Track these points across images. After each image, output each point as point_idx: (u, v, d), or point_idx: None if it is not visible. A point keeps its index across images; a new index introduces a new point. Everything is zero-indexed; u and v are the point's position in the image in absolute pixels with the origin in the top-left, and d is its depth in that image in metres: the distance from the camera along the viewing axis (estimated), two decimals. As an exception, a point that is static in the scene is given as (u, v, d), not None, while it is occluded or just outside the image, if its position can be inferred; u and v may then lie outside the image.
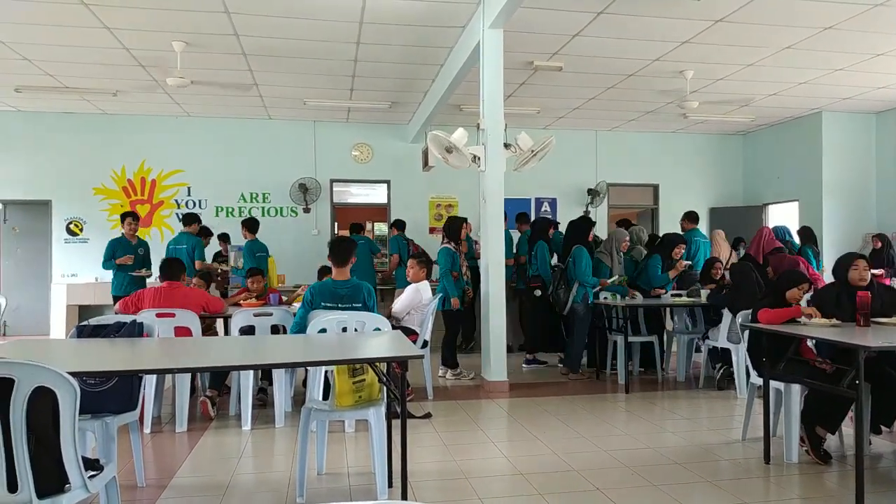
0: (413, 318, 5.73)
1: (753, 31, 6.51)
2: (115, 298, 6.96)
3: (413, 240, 8.95)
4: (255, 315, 5.03)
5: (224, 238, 9.05)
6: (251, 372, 4.69)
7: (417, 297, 5.76)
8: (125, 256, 7.28)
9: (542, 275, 6.92)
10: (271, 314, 5.05)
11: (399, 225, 9.07)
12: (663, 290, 6.69)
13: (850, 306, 3.90)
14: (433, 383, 5.92)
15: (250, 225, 8.03)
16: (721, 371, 5.96)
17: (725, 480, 3.63)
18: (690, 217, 7.82)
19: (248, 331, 4.97)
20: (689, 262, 6.96)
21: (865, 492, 3.16)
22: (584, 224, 6.73)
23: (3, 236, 10.03)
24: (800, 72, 7.87)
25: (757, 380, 4.25)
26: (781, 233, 7.37)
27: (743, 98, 9.03)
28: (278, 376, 4.88)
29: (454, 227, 6.70)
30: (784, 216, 10.64)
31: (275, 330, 5.02)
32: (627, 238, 6.87)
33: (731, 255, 7.90)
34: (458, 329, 6.94)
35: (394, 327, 5.25)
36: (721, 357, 5.96)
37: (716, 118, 10.07)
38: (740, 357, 5.48)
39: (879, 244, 9.00)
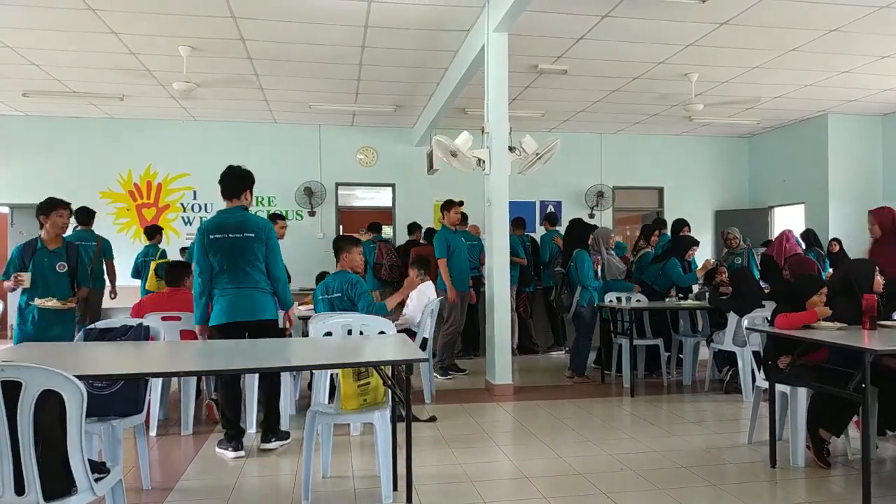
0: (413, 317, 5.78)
1: (759, 33, 6.51)
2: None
3: (387, 241, 8.82)
4: None
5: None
6: (255, 375, 4.68)
7: (424, 300, 5.79)
8: (14, 276, 4.76)
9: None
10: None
11: (373, 227, 8.74)
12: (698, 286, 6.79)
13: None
14: (434, 387, 5.93)
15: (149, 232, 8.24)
16: (729, 374, 5.94)
17: (731, 484, 3.62)
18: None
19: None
20: (717, 262, 6.96)
21: (872, 496, 3.14)
22: (583, 228, 6.72)
23: (11, 240, 10.07)
24: (805, 74, 7.85)
25: (763, 383, 4.24)
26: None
27: (748, 100, 9.02)
28: (283, 380, 4.87)
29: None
30: (790, 219, 10.61)
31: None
32: (614, 235, 6.93)
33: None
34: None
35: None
36: (728, 360, 5.95)
37: (721, 121, 10.05)
38: (745, 360, 5.46)
39: (837, 247, 8.78)
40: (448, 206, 7.02)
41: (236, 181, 4.39)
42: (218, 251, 4.21)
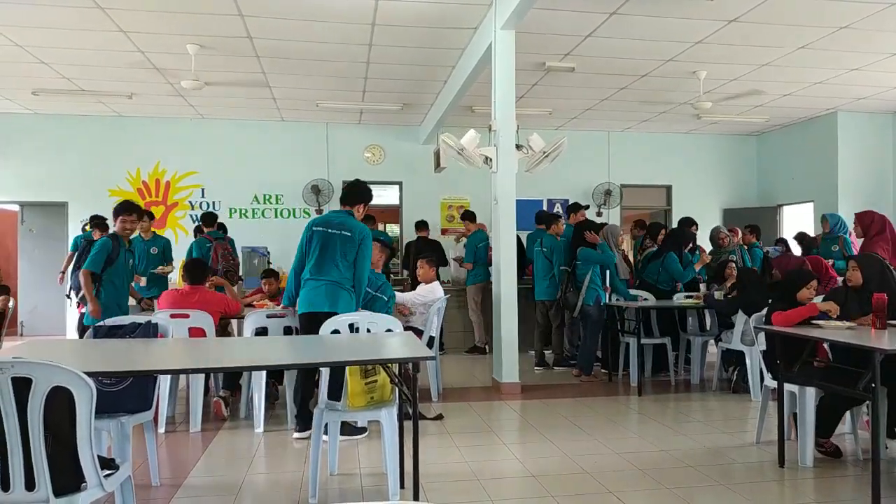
0: (419, 318, 5.79)
1: (767, 30, 6.47)
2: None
3: (228, 240, 8.09)
4: (268, 316, 5.02)
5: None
6: (263, 373, 4.69)
7: (431, 296, 5.80)
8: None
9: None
10: (284, 315, 5.02)
11: (209, 220, 8.07)
12: (702, 281, 6.78)
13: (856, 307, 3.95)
14: (441, 385, 5.93)
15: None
16: (735, 373, 5.92)
17: (739, 484, 3.61)
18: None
19: (261, 332, 4.98)
20: (726, 259, 6.93)
21: (882, 496, 3.13)
22: (591, 226, 6.71)
23: (21, 237, 10.15)
24: (814, 72, 7.80)
25: (771, 382, 4.22)
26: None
27: (757, 98, 8.97)
28: (290, 377, 4.88)
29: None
30: (799, 218, 10.56)
31: (287, 331, 5.03)
32: (622, 233, 6.93)
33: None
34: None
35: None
36: (735, 359, 5.92)
37: (729, 119, 10.01)
38: (754, 359, 5.44)
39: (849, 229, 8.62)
40: (576, 208, 7.49)
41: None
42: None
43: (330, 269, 4.42)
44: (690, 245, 7.13)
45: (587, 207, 7.73)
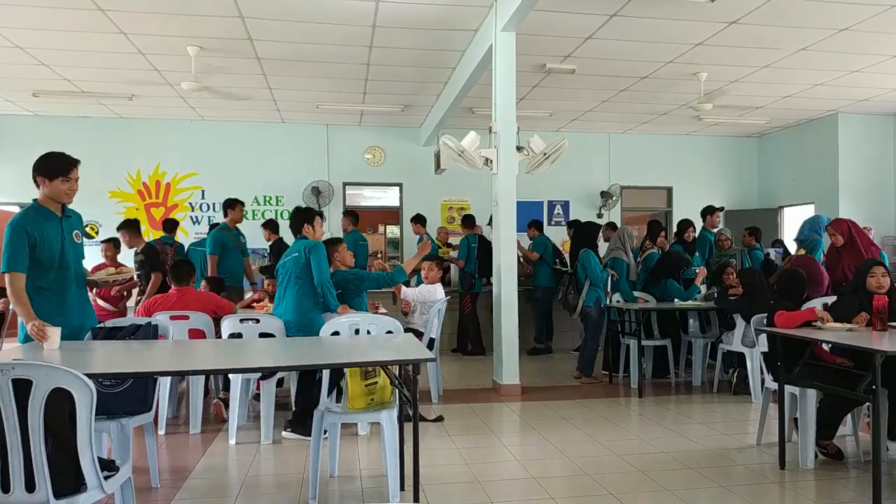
0: (419, 319, 5.78)
1: (768, 32, 6.47)
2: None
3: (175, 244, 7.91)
4: (242, 321, 4.57)
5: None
6: (239, 377, 4.53)
7: (430, 296, 5.80)
8: None
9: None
10: (258, 321, 4.56)
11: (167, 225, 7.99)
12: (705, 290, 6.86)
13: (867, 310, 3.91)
14: (441, 386, 5.93)
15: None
16: (734, 374, 5.92)
17: (740, 486, 3.60)
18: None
19: (236, 338, 4.55)
20: (725, 261, 6.91)
21: (882, 498, 3.13)
22: (591, 228, 6.71)
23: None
24: (815, 73, 7.81)
25: (772, 384, 4.22)
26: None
27: (758, 100, 8.97)
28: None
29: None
30: (800, 219, 10.53)
31: (264, 338, 4.58)
32: (637, 235, 6.91)
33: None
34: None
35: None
36: (736, 361, 5.91)
37: (730, 120, 10.00)
38: (755, 361, 5.43)
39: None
40: (711, 210, 7.71)
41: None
42: None
43: (286, 292, 4.71)
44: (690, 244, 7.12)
45: (722, 208, 7.96)
